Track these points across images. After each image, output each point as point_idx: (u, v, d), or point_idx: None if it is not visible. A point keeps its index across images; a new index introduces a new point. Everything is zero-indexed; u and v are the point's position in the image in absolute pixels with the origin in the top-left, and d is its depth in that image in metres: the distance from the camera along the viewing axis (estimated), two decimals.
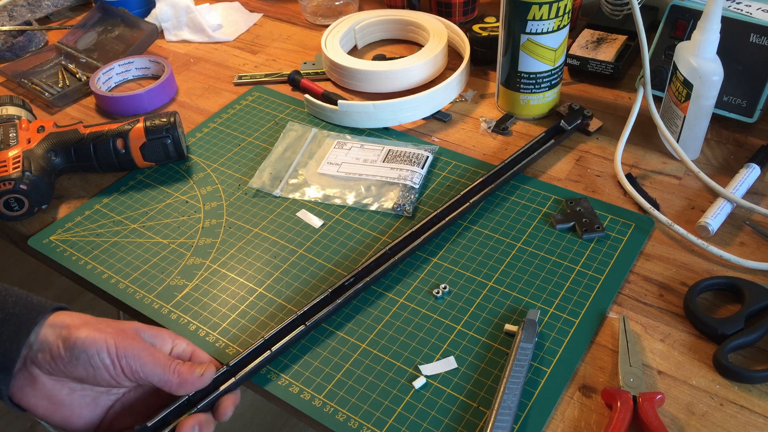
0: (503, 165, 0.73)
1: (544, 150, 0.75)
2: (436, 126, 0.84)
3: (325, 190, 0.75)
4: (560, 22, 0.75)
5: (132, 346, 0.50)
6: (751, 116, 0.76)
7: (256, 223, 0.72)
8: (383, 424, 0.53)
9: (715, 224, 0.66)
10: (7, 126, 0.77)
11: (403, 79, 0.88)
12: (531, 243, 0.67)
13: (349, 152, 0.79)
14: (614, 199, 0.71)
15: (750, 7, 0.75)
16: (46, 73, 1.00)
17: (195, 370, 0.52)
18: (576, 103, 0.65)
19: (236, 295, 0.65)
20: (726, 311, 0.59)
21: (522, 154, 0.75)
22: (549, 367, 0.56)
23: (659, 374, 0.55)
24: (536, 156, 0.74)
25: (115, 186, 0.78)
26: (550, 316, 0.60)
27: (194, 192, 0.77)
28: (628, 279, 0.63)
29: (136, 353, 0.50)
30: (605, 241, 0.66)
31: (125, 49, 0.99)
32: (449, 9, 1.00)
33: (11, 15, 1.09)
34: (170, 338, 0.55)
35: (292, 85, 0.93)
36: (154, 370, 0.50)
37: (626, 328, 0.58)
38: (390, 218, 0.71)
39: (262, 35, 1.07)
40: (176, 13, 1.07)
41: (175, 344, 0.55)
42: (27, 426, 1.55)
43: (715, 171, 0.73)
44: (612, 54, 0.86)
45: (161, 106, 0.92)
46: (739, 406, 0.52)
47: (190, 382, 0.52)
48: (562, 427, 0.52)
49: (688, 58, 0.69)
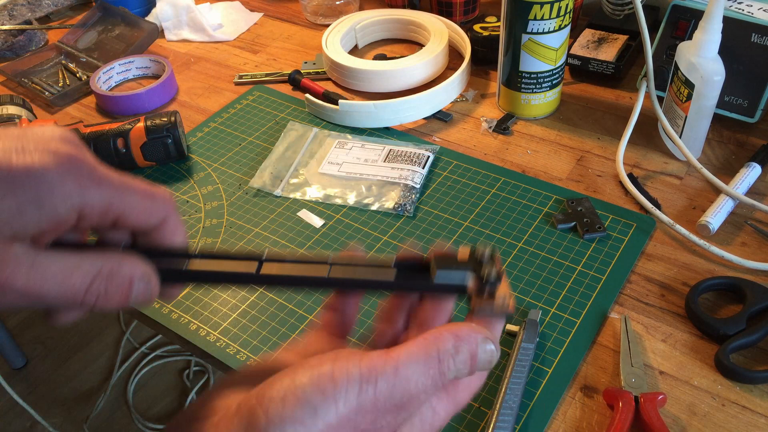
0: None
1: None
2: (437, 126, 0.84)
3: (326, 190, 0.75)
4: (561, 22, 0.75)
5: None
6: (752, 116, 0.76)
7: (256, 223, 0.72)
8: None
9: (716, 223, 0.66)
10: (7, 125, 0.76)
11: (404, 79, 0.88)
12: (532, 243, 0.67)
13: (350, 152, 0.78)
14: (615, 199, 0.71)
15: (751, 7, 0.75)
16: (46, 73, 1.00)
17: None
18: (488, 248, 0.35)
19: (237, 295, 0.64)
20: (727, 311, 0.59)
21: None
22: (550, 367, 0.56)
23: (661, 374, 0.55)
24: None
25: None
26: (551, 317, 0.60)
27: (195, 191, 0.77)
28: (630, 279, 0.63)
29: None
30: (606, 241, 0.66)
31: (125, 48, 0.99)
32: (450, 8, 1.00)
33: (11, 14, 1.09)
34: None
35: (292, 84, 0.93)
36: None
37: (628, 328, 0.58)
38: (391, 218, 0.71)
39: (262, 35, 1.07)
40: (177, 12, 1.07)
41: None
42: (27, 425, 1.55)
43: (717, 171, 0.73)
44: (613, 54, 0.86)
45: (161, 106, 0.92)
46: (740, 406, 0.52)
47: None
48: (563, 427, 0.52)
49: (689, 58, 0.69)
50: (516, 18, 0.75)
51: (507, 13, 0.76)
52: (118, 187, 0.32)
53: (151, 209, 0.34)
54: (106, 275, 0.32)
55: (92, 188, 0.31)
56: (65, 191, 0.30)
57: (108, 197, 0.32)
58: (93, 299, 0.32)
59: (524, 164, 0.77)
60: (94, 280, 0.32)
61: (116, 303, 0.33)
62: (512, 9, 0.75)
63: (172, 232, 0.35)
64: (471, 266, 0.34)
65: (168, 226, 0.35)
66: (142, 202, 0.34)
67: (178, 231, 0.36)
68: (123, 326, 1.74)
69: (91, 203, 0.31)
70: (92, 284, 0.32)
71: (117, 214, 0.33)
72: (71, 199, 0.30)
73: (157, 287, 0.34)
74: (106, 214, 0.32)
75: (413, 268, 0.35)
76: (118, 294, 0.33)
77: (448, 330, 0.32)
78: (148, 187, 0.34)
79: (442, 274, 0.34)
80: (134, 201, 0.33)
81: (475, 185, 0.74)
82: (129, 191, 0.33)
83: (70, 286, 0.31)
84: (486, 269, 0.34)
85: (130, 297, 0.33)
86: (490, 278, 0.33)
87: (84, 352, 1.70)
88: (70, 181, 0.30)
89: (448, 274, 0.34)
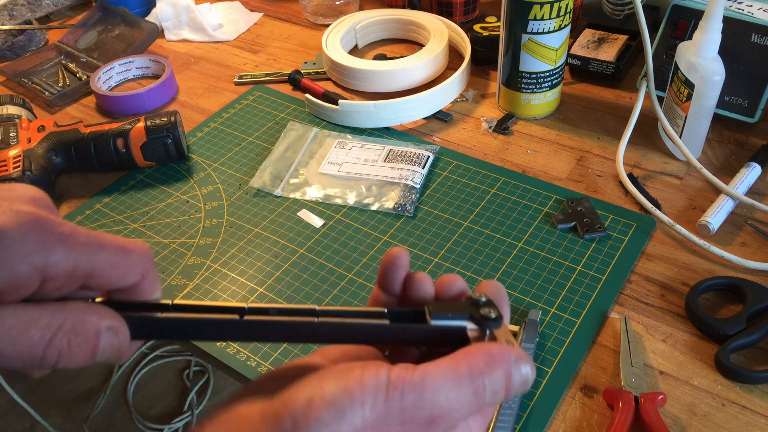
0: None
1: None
2: (437, 126, 0.84)
3: (326, 190, 0.75)
4: (561, 22, 0.75)
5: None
6: (752, 116, 0.76)
7: (256, 223, 0.72)
8: None
9: (716, 223, 0.66)
10: (7, 125, 0.76)
11: (404, 79, 0.88)
12: (532, 243, 0.67)
13: (350, 152, 0.78)
14: (615, 199, 0.71)
15: (751, 7, 0.75)
16: (46, 73, 1.00)
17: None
18: (486, 299, 0.34)
19: (237, 295, 0.64)
20: (727, 311, 0.59)
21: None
22: (550, 367, 0.56)
23: (661, 374, 0.55)
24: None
25: (116, 186, 0.78)
26: (551, 317, 0.60)
27: (195, 191, 0.77)
28: (630, 279, 0.63)
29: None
30: (606, 241, 0.66)
31: (125, 48, 0.99)
32: (450, 8, 1.00)
33: (11, 14, 1.09)
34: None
35: (292, 84, 0.93)
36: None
37: (628, 328, 0.58)
38: (391, 218, 0.71)
39: (262, 35, 1.07)
40: (177, 12, 1.07)
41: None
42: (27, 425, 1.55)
43: (717, 171, 0.73)
44: (613, 54, 0.86)
45: (161, 106, 0.92)
46: (740, 406, 0.52)
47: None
48: (563, 427, 0.52)
49: (689, 58, 0.69)
50: (516, 18, 0.75)
51: (507, 13, 0.76)
52: (85, 245, 0.30)
53: (125, 267, 0.32)
54: (69, 329, 0.29)
55: (56, 247, 0.29)
56: (25, 250, 0.28)
57: (74, 256, 0.30)
58: (54, 357, 0.29)
59: (524, 164, 0.77)
60: (55, 334, 0.29)
61: (81, 360, 0.30)
62: (512, 9, 0.75)
63: (147, 289, 0.33)
64: (468, 310, 0.32)
65: (145, 284, 0.33)
66: (114, 259, 0.31)
67: (154, 288, 0.33)
68: None
69: (55, 263, 0.29)
70: (53, 339, 0.29)
71: (86, 273, 0.30)
72: (32, 259, 0.28)
73: (127, 340, 0.31)
74: (74, 274, 0.30)
75: (407, 316, 0.33)
76: (83, 349, 0.30)
77: (479, 347, 0.30)
78: (121, 242, 0.32)
79: (438, 317, 0.32)
80: (105, 259, 0.31)
81: (475, 185, 0.74)
82: (98, 248, 0.31)
83: (27, 342, 0.28)
84: (484, 310, 0.32)
85: (97, 352, 0.30)
86: (489, 318, 0.32)
87: None
88: (31, 241, 0.28)
89: (444, 317, 0.32)
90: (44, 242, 0.29)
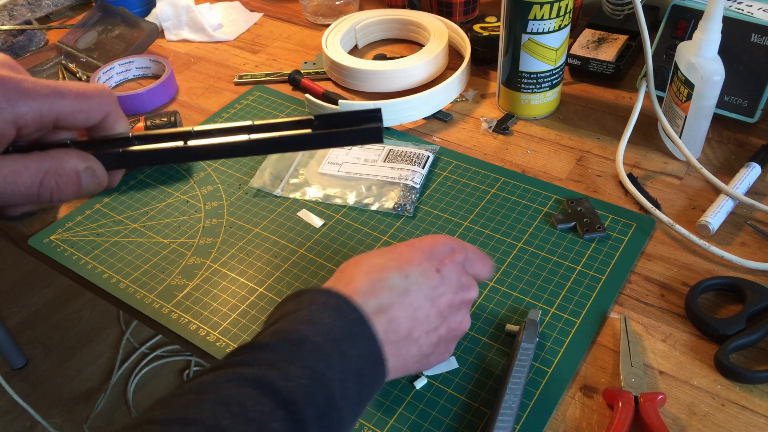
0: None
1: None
2: (437, 126, 0.84)
3: (325, 190, 0.75)
4: (561, 22, 0.75)
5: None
6: (752, 116, 0.76)
7: (256, 223, 0.72)
8: (384, 424, 0.53)
9: (716, 223, 0.66)
10: None
11: (404, 79, 0.88)
12: (532, 243, 0.67)
13: (350, 152, 0.78)
14: (615, 199, 0.71)
15: (751, 6, 0.75)
16: (46, 73, 1.00)
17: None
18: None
19: (237, 295, 0.64)
20: (727, 311, 0.59)
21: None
22: (550, 367, 0.56)
23: (660, 374, 0.55)
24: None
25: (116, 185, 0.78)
26: (551, 317, 0.60)
27: (195, 191, 0.77)
28: (630, 279, 0.63)
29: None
30: (606, 241, 0.66)
31: (125, 48, 0.99)
32: (450, 8, 1.00)
33: (11, 14, 1.09)
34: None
35: (292, 84, 0.93)
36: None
37: (627, 328, 0.58)
38: (391, 218, 0.71)
39: (262, 35, 1.07)
40: (176, 12, 1.07)
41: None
42: (27, 425, 1.56)
43: (716, 171, 0.73)
44: (613, 54, 0.86)
45: (162, 106, 0.92)
46: (740, 406, 0.52)
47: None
48: (563, 427, 0.52)
49: (689, 58, 0.69)
50: (516, 18, 0.75)
51: (507, 13, 0.76)
52: (47, 96, 0.36)
53: (87, 110, 0.38)
54: (54, 173, 0.37)
55: (21, 101, 0.35)
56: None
57: (37, 106, 0.36)
58: (47, 195, 0.37)
59: (524, 164, 0.77)
60: (44, 178, 0.37)
61: (71, 195, 0.38)
62: (512, 9, 0.75)
63: (112, 124, 0.40)
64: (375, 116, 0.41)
65: (109, 120, 0.40)
66: (75, 104, 0.38)
67: (119, 123, 0.41)
68: (123, 326, 1.74)
69: (23, 114, 0.36)
70: (43, 181, 0.37)
71: (52, 119, 0.37)
72: (3, 114, 0.35)
73: (104, 173, 0.40)
74: (42, 121, 0.37)
75: (332, 118, 0.40)
76: (69, 187, 0.38)
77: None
78: (82, 88, 0.38)
79: (345, 105, 0.42)
80: (66, 105, 0.37)
81: (475, 185, 0.74)
82: (59, 97, 0.37)
83: (23, 184, 0.36)
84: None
85: (82, 188, 0.38)
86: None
87: (84, 352, 1.70)
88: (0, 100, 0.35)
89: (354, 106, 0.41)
90: (9, 99, 0.35)
